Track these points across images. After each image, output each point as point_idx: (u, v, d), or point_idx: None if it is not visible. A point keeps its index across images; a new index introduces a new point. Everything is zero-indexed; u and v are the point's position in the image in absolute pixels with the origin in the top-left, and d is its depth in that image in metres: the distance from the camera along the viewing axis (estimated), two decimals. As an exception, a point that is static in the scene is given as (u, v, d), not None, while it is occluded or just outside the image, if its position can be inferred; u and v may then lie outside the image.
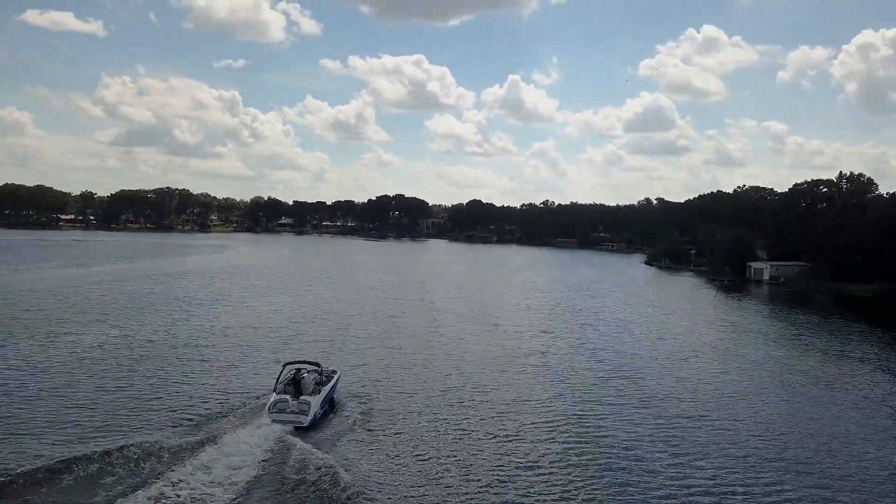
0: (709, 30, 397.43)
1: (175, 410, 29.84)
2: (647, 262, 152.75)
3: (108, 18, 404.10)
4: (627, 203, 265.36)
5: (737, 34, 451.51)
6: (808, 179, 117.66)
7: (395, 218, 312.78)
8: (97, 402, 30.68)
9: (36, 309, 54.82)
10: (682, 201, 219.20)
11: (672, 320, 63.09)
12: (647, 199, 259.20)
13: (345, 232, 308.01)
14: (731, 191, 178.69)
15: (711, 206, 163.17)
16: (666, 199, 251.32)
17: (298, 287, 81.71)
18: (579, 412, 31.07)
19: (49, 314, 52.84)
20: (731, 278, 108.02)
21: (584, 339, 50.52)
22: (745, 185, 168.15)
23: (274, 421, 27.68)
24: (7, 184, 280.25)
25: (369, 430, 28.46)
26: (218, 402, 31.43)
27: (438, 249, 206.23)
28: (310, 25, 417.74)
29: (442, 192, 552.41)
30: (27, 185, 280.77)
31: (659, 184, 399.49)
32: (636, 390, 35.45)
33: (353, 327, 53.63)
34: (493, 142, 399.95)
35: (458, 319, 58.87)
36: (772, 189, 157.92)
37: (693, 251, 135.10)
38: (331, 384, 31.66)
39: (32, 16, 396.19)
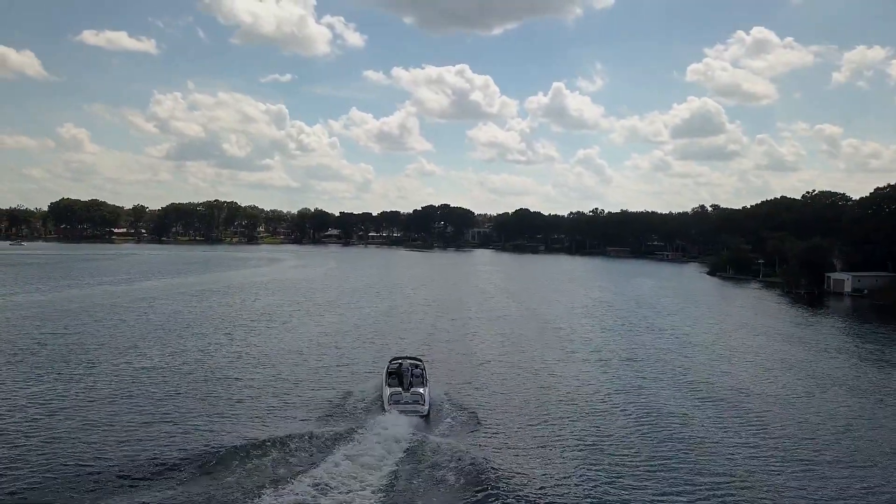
0: (759, 31, 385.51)
1: (297, 409, 31.87)
2: (709, 273, 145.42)
3: (160, 37, 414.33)
4: (678, 210, 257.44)
5: (789, 35, 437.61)
6: (892, 183, 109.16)
7: (441, 228, 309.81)
8: (209, 405, 32.45)
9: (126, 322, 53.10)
10: (739, 208, 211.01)
11: (770, 343, 55.73)
12: (702, 206, 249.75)
13: (390, 242, 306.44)
14: (783, 195, 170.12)
15: (775, 213, 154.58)
16: (715, 205, 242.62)
17: (353, 302, 78.24)
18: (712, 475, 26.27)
19: (129, 330, 51.65)
20: (807, 290, 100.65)
21: (676, 367, 44.36)
22: (814, 191, 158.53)
23: (398, 412, 29.61)
24: (63, 198, 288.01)
25: (476, 416, 31.20)
26: (327, 400, 33.46)
27: (487, 260, 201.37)
28: (354, 38, 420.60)
29: (484, 199, 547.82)
30: (83, 199, 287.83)
31: (707, 190, 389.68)
32: (763, 436, 30.21)
33: (422, 341, 49.98)
34: (537, 149, 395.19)
35: (530, 343, 53.80)
36: (843, 194, 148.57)
37: (761, 261, 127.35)
38: (426, 374, 34.26)
39: (89, 36, 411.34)
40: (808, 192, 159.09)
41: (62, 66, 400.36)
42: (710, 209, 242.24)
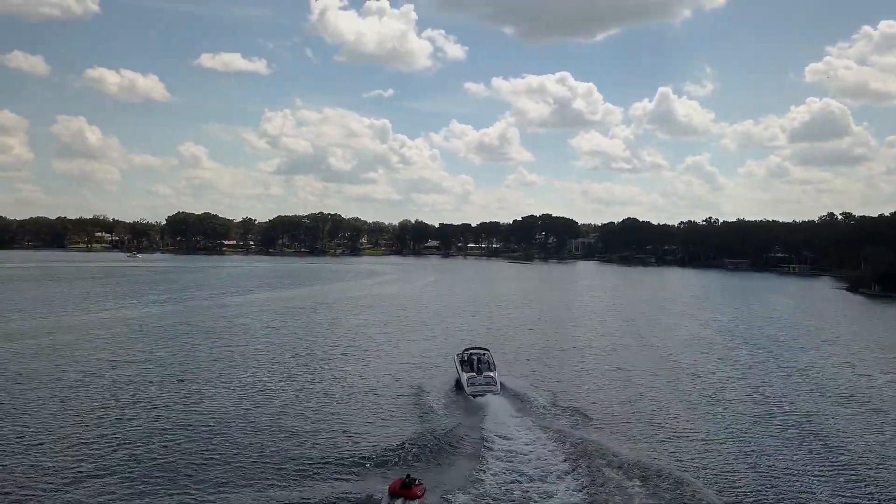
0: (888, 25, 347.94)
1: (394, 407, 34.81)
2: (849, 289, 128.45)
3: (270, 57, 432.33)
4: (799, 219, 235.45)
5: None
6: None
7: (542, 238, 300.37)
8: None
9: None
10: (876, 216, 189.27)
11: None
12: (831, 214, 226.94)
13: (489, 254, 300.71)
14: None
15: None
16: (846, 213, 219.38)
17: (448, 322, 72.01)
18: None
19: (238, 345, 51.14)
20: None
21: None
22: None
23: (474, 394, 34.98)
24: (179, 212, 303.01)
25: (542, 397, 36.03)
26: (417, 396, 37.02)
27: (593, 273, 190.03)
28: (454, 50, 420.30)
29: (587, 210, 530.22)
30: (201, 213, 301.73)
31: (830, 197, 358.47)
32: None
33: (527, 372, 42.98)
34: (643, 157, 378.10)
35: (655, 390, 45.38)
36: None
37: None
38: (493, 360, 39.18)
39: (206, 59, 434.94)
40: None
41: (182, 89, 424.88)
42: (839, 217, 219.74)
